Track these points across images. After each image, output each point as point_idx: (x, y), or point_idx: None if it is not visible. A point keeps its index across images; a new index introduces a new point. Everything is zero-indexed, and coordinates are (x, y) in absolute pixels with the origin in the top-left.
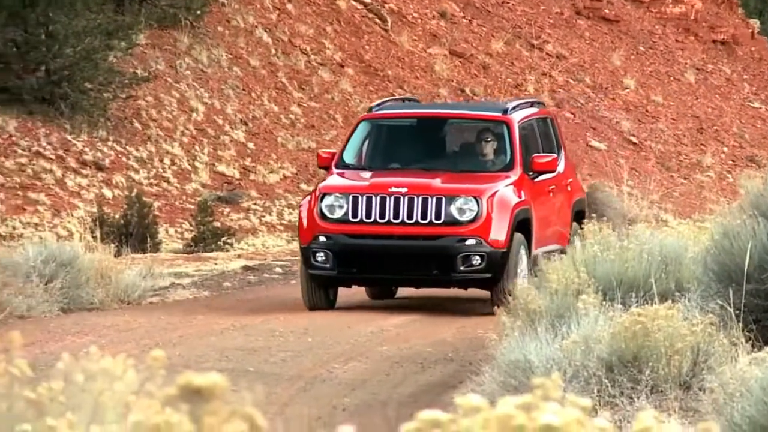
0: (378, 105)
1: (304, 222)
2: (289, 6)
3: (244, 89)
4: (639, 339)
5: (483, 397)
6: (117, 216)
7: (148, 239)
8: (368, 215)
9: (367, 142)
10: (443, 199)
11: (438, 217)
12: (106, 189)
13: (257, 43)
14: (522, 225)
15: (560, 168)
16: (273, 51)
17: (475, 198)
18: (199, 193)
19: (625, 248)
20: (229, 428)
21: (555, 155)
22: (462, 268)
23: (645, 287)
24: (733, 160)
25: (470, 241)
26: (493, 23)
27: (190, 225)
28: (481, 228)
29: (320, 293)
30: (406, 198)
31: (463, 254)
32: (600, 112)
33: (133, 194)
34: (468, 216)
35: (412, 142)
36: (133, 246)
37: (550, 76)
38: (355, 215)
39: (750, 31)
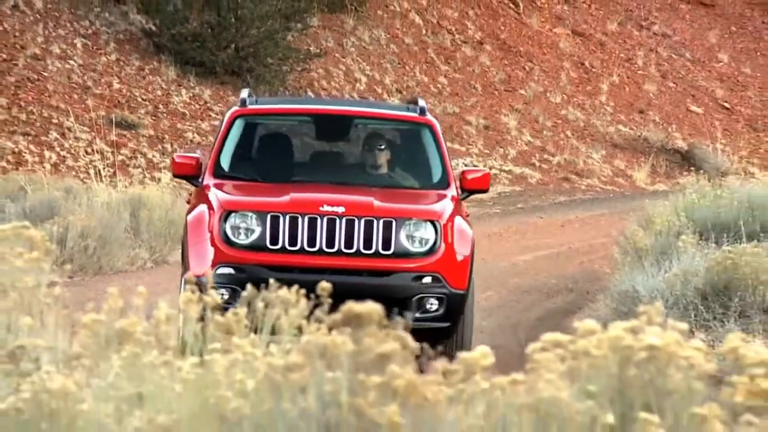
0: (250, 97)
1: (202, 246)
2: None
3: (399, 63)
4: (729, 272)
5: (597, 322)
6: None
7: None
8: (292, 241)
9: (246, 144)
10: (393, 223)
11: (386, 246)
12: None
13: (411, 25)
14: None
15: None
16: (424, 31)
17: (431, 222)
18: None
19: (718, 196)
20: (385, 347)
21: (487, 170)
22: (417, 314)
23: (735, 229)
24: None
25: (427, 279)
26: (609, 7)
27: None
28: (441, 262)
29: None
30: (344, 220)
31: (419, 296)
32: (698, 82)
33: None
34: (423, 246)
35: (310, 147)
36: None
37: (656, 51)
38: (274, 241)
39: None
